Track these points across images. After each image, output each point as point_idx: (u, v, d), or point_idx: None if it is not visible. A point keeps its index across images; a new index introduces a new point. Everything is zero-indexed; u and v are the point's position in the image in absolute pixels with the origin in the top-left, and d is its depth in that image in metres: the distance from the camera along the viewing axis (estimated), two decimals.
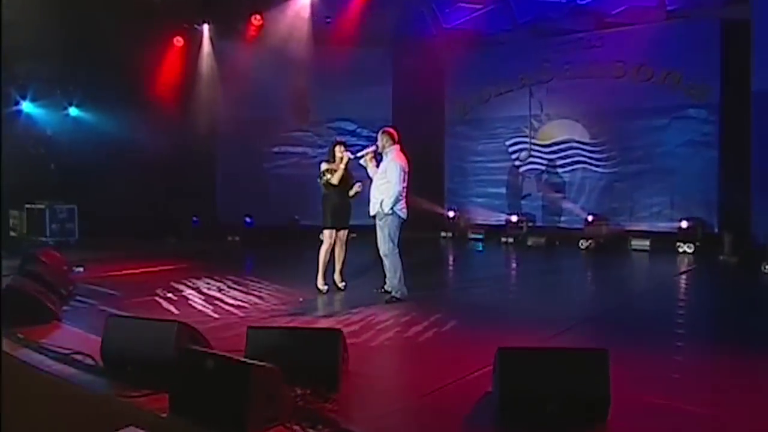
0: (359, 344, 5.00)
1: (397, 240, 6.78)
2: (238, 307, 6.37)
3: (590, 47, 12.62)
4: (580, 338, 5.25)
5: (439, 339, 5.20)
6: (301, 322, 5.72)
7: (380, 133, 6.89)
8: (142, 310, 6.16)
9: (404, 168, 6.67)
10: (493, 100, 13.90)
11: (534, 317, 6.10)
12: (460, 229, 13.84)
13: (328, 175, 7.15)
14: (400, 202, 6.73)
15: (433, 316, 5.99)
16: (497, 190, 13.87)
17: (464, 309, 6.50)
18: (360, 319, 5.91)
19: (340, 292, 7.30)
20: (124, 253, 10.82)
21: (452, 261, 11.29)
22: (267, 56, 12.22)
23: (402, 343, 5.10)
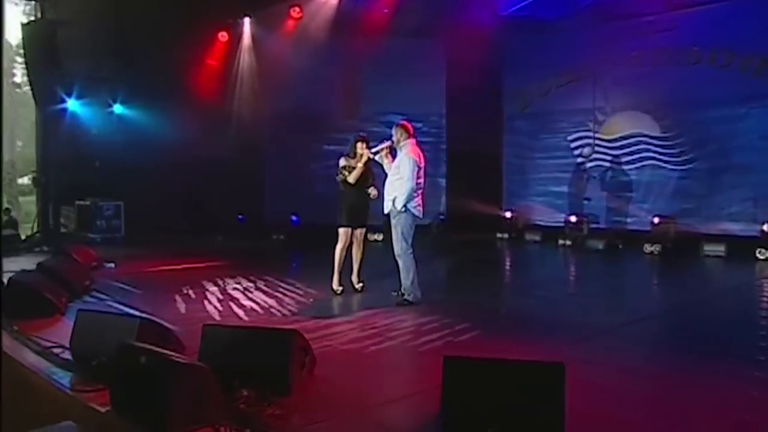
0: (346, 348, 4.98)
1: (411, 239, 6.68)
2: (249, 309, 6.42)
3: (661, 31, 11.94)
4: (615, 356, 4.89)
5: (435, 347, 5.02)
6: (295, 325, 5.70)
7: (395, 127, 6.82)
8: (153, 307, 6.36)
9: (418, 163, 6.57)
10: (553, 92, 13.46)
11: (566, 327, 5.80)
12: (518, 230, 13.51)
13: (345, 172, 7.14)
14: (414, 199, 6.62)
15: (445, 321, 5.84)
16: (558, 188, 13.43)
17: (485, 315, 6.31)
18: (360, 323, 5.87)
19: (356, 293, 7.28)
20: (168, 250, 11.31)
21: (496, 263, 11.01)
22: (311, 49, 12.38)
23: (392, 350, 5.01)
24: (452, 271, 9.91)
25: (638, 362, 4.73)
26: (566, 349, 4.85)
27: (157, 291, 7.35)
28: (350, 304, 6.81)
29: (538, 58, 13.39)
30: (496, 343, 5.19)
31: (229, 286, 7.71)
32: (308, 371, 4.11)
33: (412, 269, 6.62)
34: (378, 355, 4.89)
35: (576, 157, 13.14)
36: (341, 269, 7.26)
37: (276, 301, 6.87)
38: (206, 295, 7.18)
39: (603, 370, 4.38)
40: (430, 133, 13.89)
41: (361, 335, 5.40)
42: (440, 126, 14.00)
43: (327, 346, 5.00)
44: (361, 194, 7.15)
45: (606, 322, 5.95)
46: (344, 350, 4.95)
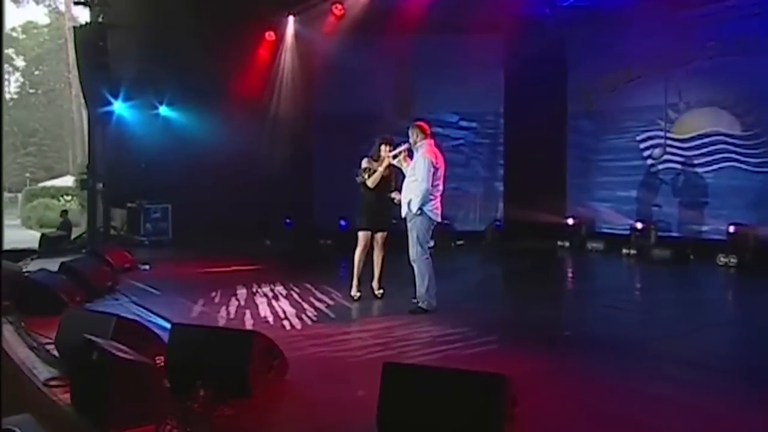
0: (339, 356, 5.05)
1: (428, 244, 6.69)
2: (262, 315, 6.56)
3: (744, 17, 11.33)
4: None
5: (434, 358, 4.99)
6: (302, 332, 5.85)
7: (411, 128, 6.87)
8: (168, 308, 6.71)
9: (434, 163, 6.57)
10: (621, 89, 13.02)
11: (595, 344, 5.62)
12: (580, 238, 13.17)
13: (365, 175, 7.24)
14: (431, 201, 6.64)
15: (459, 332, 5.80)
16: (625, 193, 12.98)
17: (506, 327, 6.21)
18: (366, 330, 5.95)
19: (376, 300, 7.34)
20: (213, 253, 11.79)
21: (545, 273, 10.75)
22: (359, 48, 12.58)
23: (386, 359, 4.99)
24: (494, 281, 9.83)
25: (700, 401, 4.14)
26: (578, 368, 4.74)
27: (182, 293, 7.67)
28: (364, 311, 6.89)
29: (603, 51, 13.01)
30: (504, 358, 5.07)
31: (259, 290, 7.93)
32: (277, 374, 4.22)
33: (427, 275, 6.62)
34: (369, 364, 4.88)
35: (645, 159, 12.65)
36: (360, 274, 7.35)
37: (297, 307, 6.99)
38: (230, 299, 7.41)
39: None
40: (486, 134, 13.80)
41: (362, 343, 5.47)
42: (497, 126, 13.87)
43: (320, 353, 5.11)
44: (382, 197, 7.21)
45: (648, 343, 5.68)
46: (336, 357, 5.04)
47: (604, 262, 12.00)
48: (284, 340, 5.40)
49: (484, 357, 5.03)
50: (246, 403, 3.82)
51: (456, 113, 13.93)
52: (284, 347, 5.09)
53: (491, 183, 13.86)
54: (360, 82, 13.25)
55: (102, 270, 7.88)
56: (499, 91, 13.73)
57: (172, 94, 13.07)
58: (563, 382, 4.45)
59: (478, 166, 13.96)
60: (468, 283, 9.16)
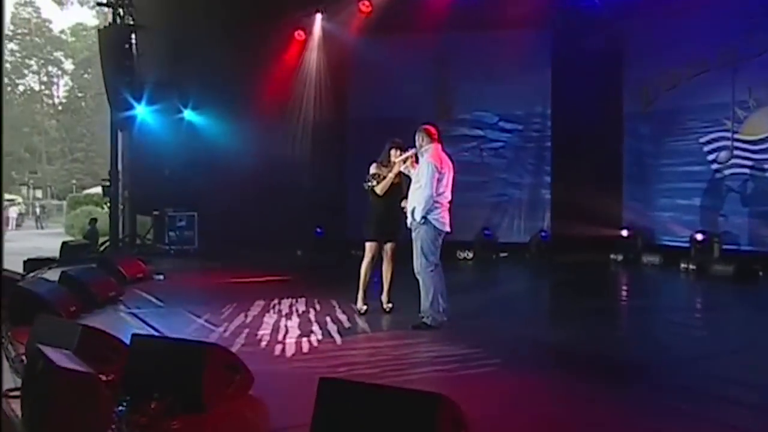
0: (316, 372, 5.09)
1: (434, 255, 6.71)
2: (256, 333, 6.58)
3: None
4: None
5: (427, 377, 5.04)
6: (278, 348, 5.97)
7: (417, 132, 6.93)
8: (166, 320, 6.99)
9: (438, 168, 6.61)
10: (683, 86, 12.69)
11: (608, 369, 5.52)
12: (635, 251, 12.89)
13: (373, 181, 7.33)
14: (436, 209, 6.67)
15: (461, 351, 5.79)
16: (687, 201, 12.63)
17: (519, 347, 6.14)
18: (362, 347, 5.99)
19: (385, 314, 7.40)
20: (239, 263, 12.13)
21: (587, 289, 10.52)
22: (392, 45, 12.73)
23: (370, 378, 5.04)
24: (526, 295, 9.76)
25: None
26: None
27: (190, 306, 7.85)
28: (368, 326, 6.94)
29: (663, 44, 12.73)
30: (496, 381, 5.05)
31: (277, 305, 8.07)
32: (239, 390, 4.35)
33: (432, 289, 6.64)
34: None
35: (710, 164, 12.29)
36: (366, 287, 7.44)
37: (303, 322, 7.10)
38: (239, 313, 7.52)
39: None
40: (531, 137, 13.71)
41: (350, 360, 5.50)
42: (544, 128, 13.75)
43: (300, 369, 5.22)
44: (391, 205, 7.26)
45: (689, 365, 5.56)
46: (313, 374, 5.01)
47: (659, 277, 11.77)
48: (268, 356, 5.61)
49: (472, 379, 5.02)
50: (198, 418, 3.95)
51: (497, 114, 13.88)
52: (265, 363, 5.29)
53: (537, 190, 13.73)
54: (395, 83, 13.38)
55: (106, 280, 8.22)
56: (545, 90, 13.62)
57: (197, 98, 13.52)
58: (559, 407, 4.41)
59: (522, 171, 13.86)
60: (496, 298, 9.14)
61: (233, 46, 12.68)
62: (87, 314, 7.11)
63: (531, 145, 13.63)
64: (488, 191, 13.90)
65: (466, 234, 13.46)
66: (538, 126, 13.75)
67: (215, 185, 13.42)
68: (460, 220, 13.44)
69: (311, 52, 13.86)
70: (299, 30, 13.79)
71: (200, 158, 13.26)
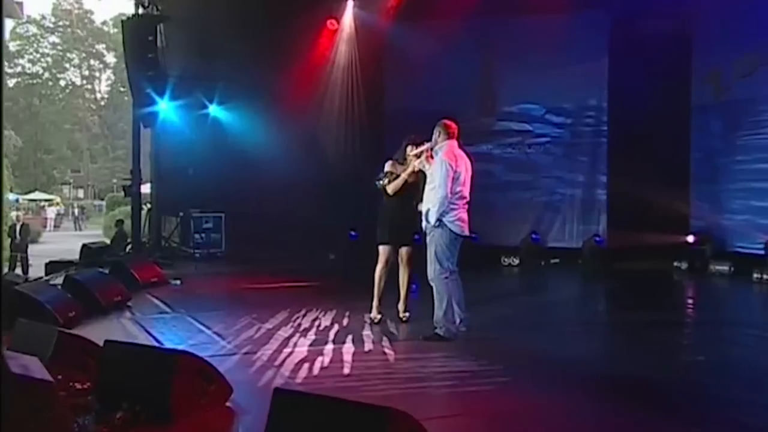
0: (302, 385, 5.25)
1: (449, 261, 6.75)
2: (263, 345, 6.75)
3: None
4: None
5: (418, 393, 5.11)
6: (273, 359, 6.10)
7: (436, 126, 6.98)
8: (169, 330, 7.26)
9: (453, 167, 6.64)
10: (760, 72, 12.33)
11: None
12: (703, 259, 12.61)
13: (384, 179, 7.42)
14: (453, 211, 6.70)
15: (462, 367, 5.84)
16: (763, 203, 12.27)
17: (537, 363, 6.13)
18: (356, 359, 6.05)
19: (401, 323, 7.47)
20: (268, 268, 12.41)
21: (642, 299, 10.32)
22: (429, 32, 12.78)
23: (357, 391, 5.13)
24: (563, 307, 9.63)
25: None
26: None
27: (202, 314, 8.03)
28: (378, 337, 7.01)
29: (736, 26, 12.41)
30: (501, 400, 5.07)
31: (294, 311, 8.25)
32: (213, 401, 4.51)
33: (446, 297, 6.67)
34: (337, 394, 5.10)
35: None
36: (381, 294, 7.52)
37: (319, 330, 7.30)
38: (254, 322, 7.69)
39: None
40: (585, 131, 13.56)
41: (344, 373, 5.63)
42: (599, 123, 13.55)
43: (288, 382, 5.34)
44: (406, 206, 7.32)
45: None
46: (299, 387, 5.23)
47: (728, 287, 11.57)
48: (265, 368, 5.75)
49: (467, 396, 5.09)
50: (165, 429, 4.13)
51: (546, 106, 13.77)
52: (253, 375, 5.47)
53: (591, 190, 13.55)
54: (434, 74, 13.43)
55: (113, 284, 8.54)
56: (601, 79, 13.42)
57: (223, 92, 13.83)
58: None
59: (574, 169, 13.70)
60: (531, 308, 9.12)
61: (261, 38, 12.92)
62: (87, 320, 7.43)
63: (584, 140, 13.45)
64: (536, 191, 13.82)
65: (512, 238, 13.45)
66: (593, 119, 13.56)
67: (243, 185, 13.68)
68: (505, 222, 13.73)
69: (343, 43, 14.00)
70: (331, 19, 13.96)
71: (227, 156, 13.54)
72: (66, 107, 57.18)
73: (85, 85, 58.79)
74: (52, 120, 54.73)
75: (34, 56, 55.12)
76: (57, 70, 56.37)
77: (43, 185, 51.51)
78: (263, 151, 13.28)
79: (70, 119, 57.26)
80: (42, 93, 55.26)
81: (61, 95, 57.60)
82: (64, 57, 56.44)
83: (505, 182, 13.86)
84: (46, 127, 53.91)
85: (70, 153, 57.46)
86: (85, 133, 57.80)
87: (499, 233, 13.40)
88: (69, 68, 57.52)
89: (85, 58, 57.26)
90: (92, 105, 59.14)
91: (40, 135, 53.18)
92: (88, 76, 58.54)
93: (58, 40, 56.01)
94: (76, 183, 58.36)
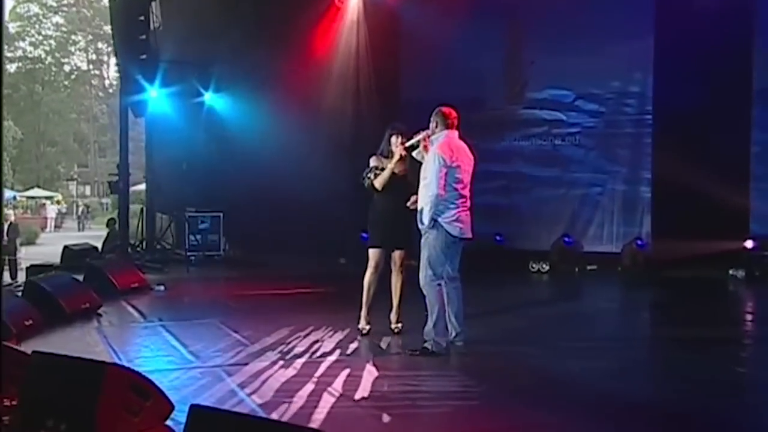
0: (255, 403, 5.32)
1: (445, 267, 6.75)
2: (233, 357, 6.86)
3: None
4: None
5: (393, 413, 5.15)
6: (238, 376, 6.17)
7: (432, 115, 6.99)
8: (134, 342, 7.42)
9: (447, 161, 6.61)
10: None
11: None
12: (763, 266, 12.44)
13: (371, 175, 7.45)
14: (449, 210, 6.67)
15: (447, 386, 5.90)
16: None
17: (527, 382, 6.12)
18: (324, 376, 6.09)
19: (393, 336, 7.48)
20: (270, 273, 12.55)
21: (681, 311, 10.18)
22: (451, 10, 12.78)
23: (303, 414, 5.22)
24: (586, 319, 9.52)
25: None
26: None
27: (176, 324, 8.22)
28: (364, 349, 7.09)
29: None
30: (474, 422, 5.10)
31: (279, 321, 8.31)
32: (149, 418, 4.58)
33: (437, 308, 6.68)
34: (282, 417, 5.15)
35: None
36: (370, 303, 7.55)
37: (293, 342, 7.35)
38: (222, 330, 7.87)
39: None
40: (626, 122, 13.45)
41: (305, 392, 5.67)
42: (643, 110, 13.42)
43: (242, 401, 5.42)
44: (399, 204, 7.32)
45: None
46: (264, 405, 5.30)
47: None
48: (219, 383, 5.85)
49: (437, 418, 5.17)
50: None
51: (582, 93, 13.68)
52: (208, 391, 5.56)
53: (634, 188, 13.42)
54: (456, 56, 13.44)
55: (81, 291, 8.73)
56: (645, 62, 13.27)
57: (220, 78, 13.96)
58: None
59: (613, 163, 13.58)
60: (547, 321, 9.02)
61: (262, 17, 13.05)
62: (47, 329, 7.60)
63: (625, 130, 13.34)
64: (570, 188, 13.74)
65: (542, 241, 13.38)
66: (636, 107, 13.43)
67: (244, 181, 13.80)
68: (534, 223, 13.62)
69: (351, 23, 14.03)
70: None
71: (225, 149, 13.70)
72: (71, 95, 57.91)
73: (92, 70, 59.57)
74: (56, 109, 55.49)
75: (36, 39, 55.99)
76: (61, 54, 57.20)
77: (46, 181, 52.30)
78: (265, 143, 13.41)
79: (75, 108, 57.99)
80: (45, 79, 55.96)
81: (65, 82, 58.36)
82: (68, 39, 57.27)
83: (533, 178, 13.84)
84: (49, 117, 54.61)
85: (76, 146, 58.29)
86: (92, 124, 58.58)
87: (527, 235, 13.38)
88: (74, 52, 58.36)
89: (91, 41, 58.02)
90: (100, 93, 59.93)
91: (42, 126, 53.88)
92: (95, 60, 59.35)
93: (62, 21, 56.89)
94: (82, 179, 59.19)
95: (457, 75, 13.36)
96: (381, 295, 7.63)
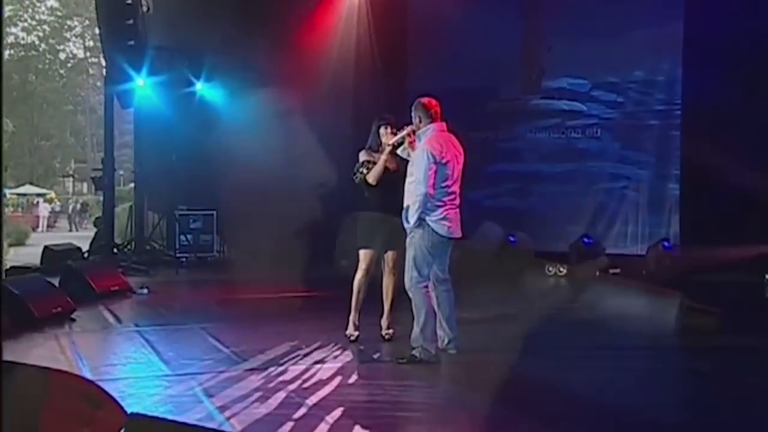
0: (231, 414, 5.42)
1: (429, 267, 6.83)
2: (204, 365, 6.95)
3: None
4: None
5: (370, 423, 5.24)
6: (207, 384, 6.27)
7: (414, 106, 7.06)
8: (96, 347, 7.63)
9: (436, 157, 6.68)
10: None
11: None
12: None
13: (364, 170, 7.52)
14: (437, 209, 6.76)
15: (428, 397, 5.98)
16: None
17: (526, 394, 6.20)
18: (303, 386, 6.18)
19: (384, 342, 7.61)
20: (266, 275, 12.65)
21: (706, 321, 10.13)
22: None
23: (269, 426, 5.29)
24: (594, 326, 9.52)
25: None
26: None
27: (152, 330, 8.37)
28: (351, 356, 7.17)
29: None
30: None
31: (267, 326, 8.54)
32: (100, 429, 4.67)
33: (423, 312, 6.76)
34: (265, 425, 5.24)
35: None
36: (360, 307, 7.65)
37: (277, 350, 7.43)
38: (203, 336, 8.00)
39: None
40: (652, 113, 13.48)
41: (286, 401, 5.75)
42: (671, 101, 13.43)
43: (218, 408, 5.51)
44: (392, 202, 7.36)
45: None
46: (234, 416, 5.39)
47: None
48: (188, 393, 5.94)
49: None
50: None
51: (603, 82, 13.70)
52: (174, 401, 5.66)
53: (660, 185, 13.41)
54: (467, 43, 13.48)
55: (53, 294, 8.86)
56: (674, 48, 13.29)
57: (212, 67, 14.05)
58: None
59: (639, 158, 13.57)
60: (555, 328, 9.07)
61: (260, 3, 13.12)
62: (14, 334, 7.73)
63: (651, 122, 13.34)
64: (591, 184, 13.75)
65: (559, 242, 13.39)
66: (663, 98, 13.43)
67: (239, 178, 13.84)
68: (550, 222, 13.64)
69: (355, 8, 14.10)
70: None
71: (218, 142, 13.76)
72: (66, 85, 58.14)
73: (89, 58, 59.55)
74: (51, 100, 55.76)
75: (29, 24, 56.11)
76: (56, 41, 57.34)
77: (40, 177, 52.53)
78: (262, 137, 13.46)
79: (71, 99, 58.27)
80: (38, 68, 56.12)
81: (60, 70, 58.54)
82: (63, 25, 57.38)
83: (551, 174, 13.85)
84: (43, 108, 54.84)
85: (72, 139, 58.57)
86: (90, 116, 58.76)
87: (543, 236, 13.39)
88: (70, 38, 58.49)
89: (88, 26, 57.89)
90: (97, 82, 59.91)
91: (36, 118, 54.09)
92: (92, 47, 59.29)
93: (56, 5, 57.00)
94: (79, 175, 59.40)
95: (469, 62, 13.38)
96: (373, 299, 7.73)
